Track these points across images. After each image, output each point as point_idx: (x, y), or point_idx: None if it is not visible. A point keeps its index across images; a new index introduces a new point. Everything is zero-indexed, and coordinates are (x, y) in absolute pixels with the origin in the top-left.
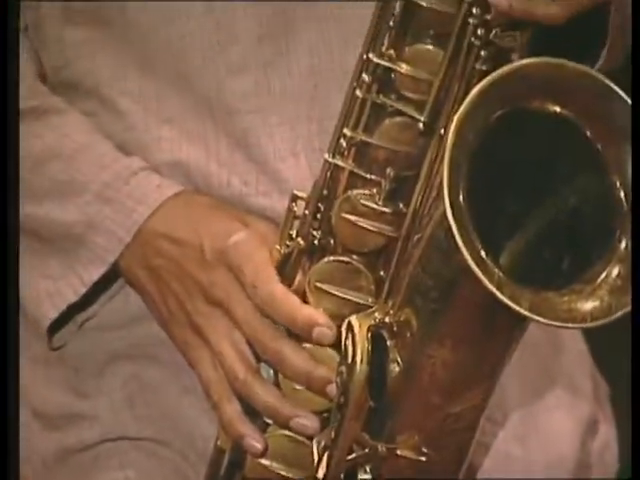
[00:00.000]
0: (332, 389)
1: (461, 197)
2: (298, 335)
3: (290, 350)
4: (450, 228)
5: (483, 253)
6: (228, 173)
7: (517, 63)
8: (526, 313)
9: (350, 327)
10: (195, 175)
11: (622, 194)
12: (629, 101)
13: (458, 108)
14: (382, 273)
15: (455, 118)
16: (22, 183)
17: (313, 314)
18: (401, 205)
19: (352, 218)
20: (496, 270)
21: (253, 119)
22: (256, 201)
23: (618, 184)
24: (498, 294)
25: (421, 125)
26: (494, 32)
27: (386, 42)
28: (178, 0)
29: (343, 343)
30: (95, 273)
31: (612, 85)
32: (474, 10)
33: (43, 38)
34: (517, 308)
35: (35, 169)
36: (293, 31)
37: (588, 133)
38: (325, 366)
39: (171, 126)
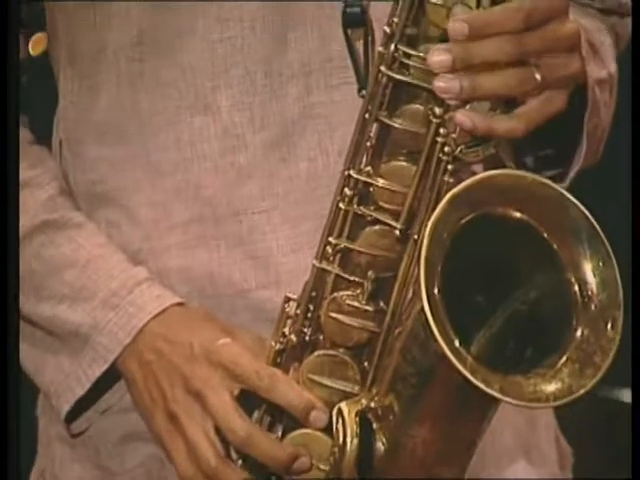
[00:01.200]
0: (302, 464)
1: (436, 292)
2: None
3: (259, 435)
4: (427, 321)
5: (457, 342)
6: (229, 271)
7: (483, 174)
8: (497, 395)
9: (340, 412)
10: (200, 277)
11: (576, 288)
12: (581, 207)
13: (430, 216)
14: (366, 364)
15: (429, 223)
16: (40, 286)
17: (312, 399)
18: (382, 303)
19: (339, 317)
20: (469, 357)
21: (259, 219)
22: (256, 295)
23: (573, 279)
24: (472, 378)
25: (397, 232)
26: (459, 148)
27: (364, 160)
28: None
29: (334, 427)
30: (97, 371)
31: (566, 194)
32: (441, 130)
33: (80, 156)
34: (489, 391)
35: (52, 274)
36: (294, 140)
37: (545, 235)
38: (290, 447)
39: (178, 232)
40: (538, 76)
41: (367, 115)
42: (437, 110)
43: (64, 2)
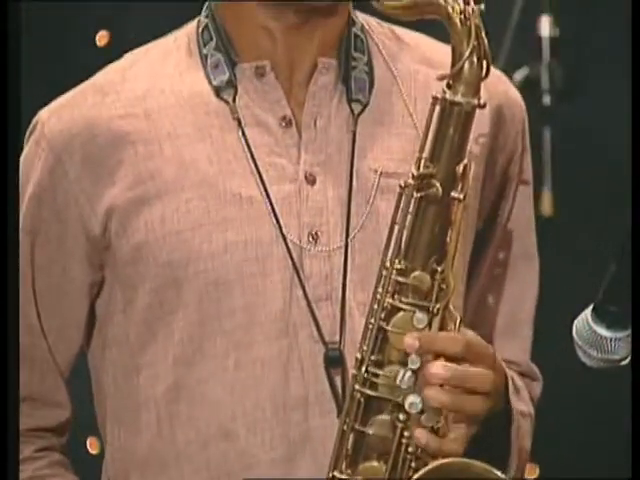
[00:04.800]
0: None
1: None
2: None
3: None
4: None
5: None
6: None
7: (438, 462)
8: None
9: None
10: None
11: None
12: None
13: None
14: None
15: None
16: None
17: None
18: None
19: None
20: None
21: None
22: None
23: None
24: None
25: None
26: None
27: (344, 463)
28: None
29: None
30: None
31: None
32: (405, 433)
33: None
34: None
35: None
36: (296, 461)
37: None
38: None
39: None
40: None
41: (345, 427)
42: (401, 416)
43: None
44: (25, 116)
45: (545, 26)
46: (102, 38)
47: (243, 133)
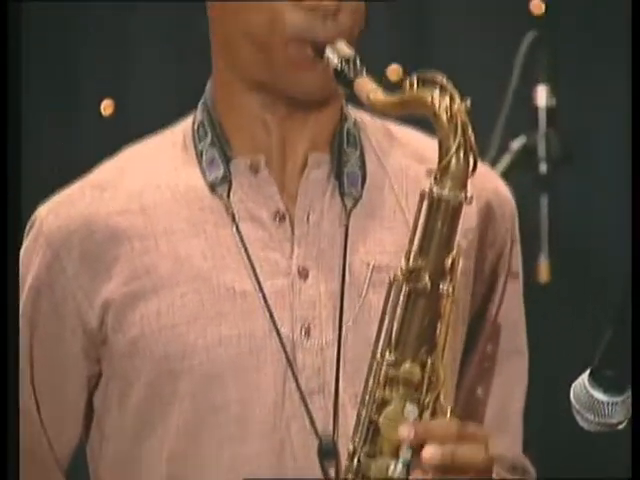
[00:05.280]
0: None
1: None
2: None
3: None
4: None
5: None
6: None
7: None
8: None
9: None
10: None
11: None
12: None
13: None
14: None
15: None
16: None
17: None
18: None
19: None
20: None
21: None
22: None
23: None
24: None
25: None
26: None
27: None
28: None
29: None
30: None
31: None
32: None
33: None
34: None
35: None
36: None
37: None
38: None
39: None
40: None
41: None
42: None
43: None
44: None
45: (542, 95)
46: (107, 107)
47: (237, 228)
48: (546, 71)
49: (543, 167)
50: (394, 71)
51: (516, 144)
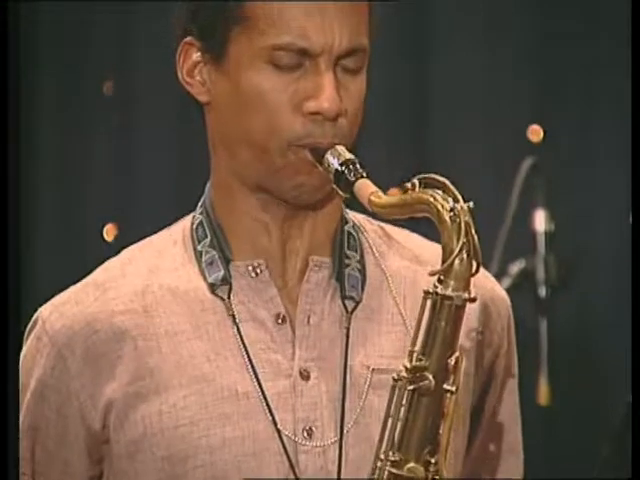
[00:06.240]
0: None
1: None
2: None
3: None
4: None
5: None
6: None
7: None
8: None
9: None
10: None
11: None
12: None
13: None
14: None
15: None
16: None
17: None
18: None
19: None
20: None
21: None
22: None
23: None
24: None
25: None
26: None
27: None
28: None
29: None
30: None
31: None
32: None
33: None
34: None
35: None
36: None
37: None
38: None
39: None
40: None
41: None
42: None
43: None
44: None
45: (540, 220)
46: (110, 232)
47: (238, 330)
48: (544, 196)
49: (542, 291)
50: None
51: (515, 268)
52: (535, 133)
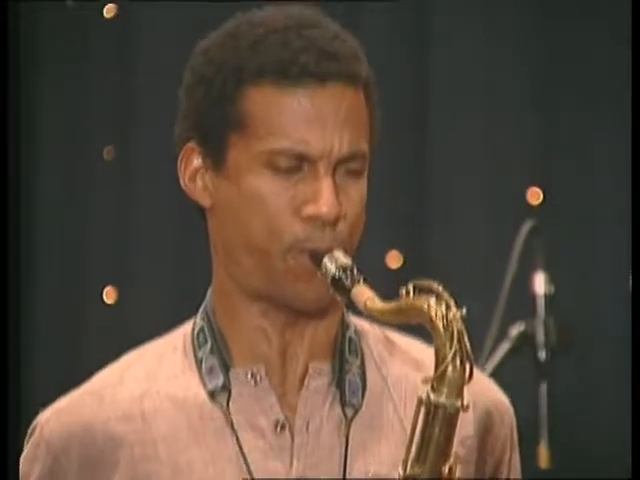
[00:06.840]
0: None
1: None
2: None
3: None
4: None
5: None
6: None
7: None
8: None
9: None
10: None
11: None
12: None
13: None
14: None
15: None
16: None
17: None
18: None
19: None
20: None
21: None
22: None
23: None
24: None
25: None
26: None
27: None
28: None
29: None
30: None
31: None
32: None
33: None
34: None
35: None
36: None
37: None
38: None
39: None
40: None
41: None
42: None
43: None
44: None
45: (540, 283)
46: (109, 294)
47: (237, 438)
48: (544, 259)
49: (542, 354)
50: (394, 257)
51: (515, 330)
52: (534, 196)
